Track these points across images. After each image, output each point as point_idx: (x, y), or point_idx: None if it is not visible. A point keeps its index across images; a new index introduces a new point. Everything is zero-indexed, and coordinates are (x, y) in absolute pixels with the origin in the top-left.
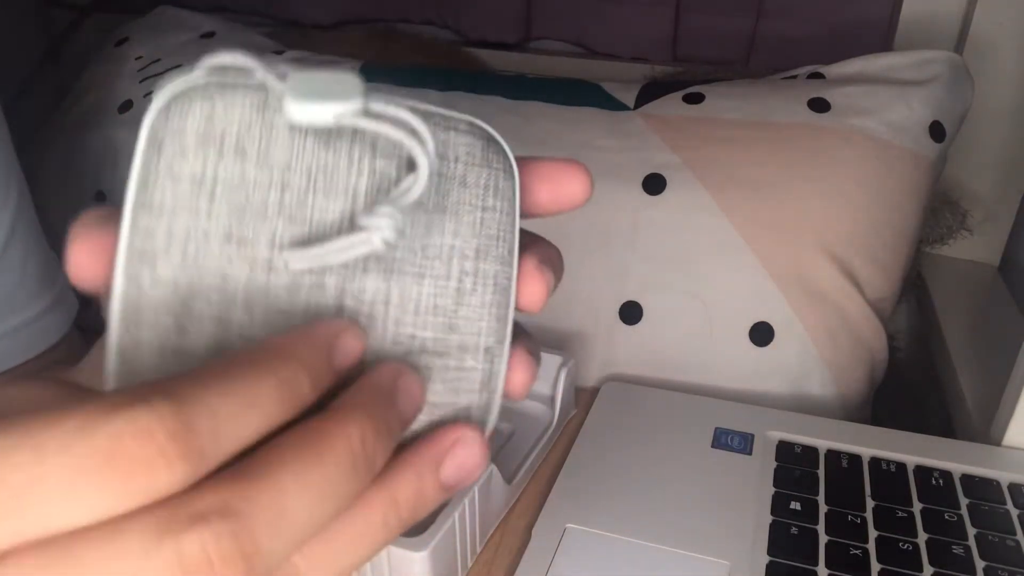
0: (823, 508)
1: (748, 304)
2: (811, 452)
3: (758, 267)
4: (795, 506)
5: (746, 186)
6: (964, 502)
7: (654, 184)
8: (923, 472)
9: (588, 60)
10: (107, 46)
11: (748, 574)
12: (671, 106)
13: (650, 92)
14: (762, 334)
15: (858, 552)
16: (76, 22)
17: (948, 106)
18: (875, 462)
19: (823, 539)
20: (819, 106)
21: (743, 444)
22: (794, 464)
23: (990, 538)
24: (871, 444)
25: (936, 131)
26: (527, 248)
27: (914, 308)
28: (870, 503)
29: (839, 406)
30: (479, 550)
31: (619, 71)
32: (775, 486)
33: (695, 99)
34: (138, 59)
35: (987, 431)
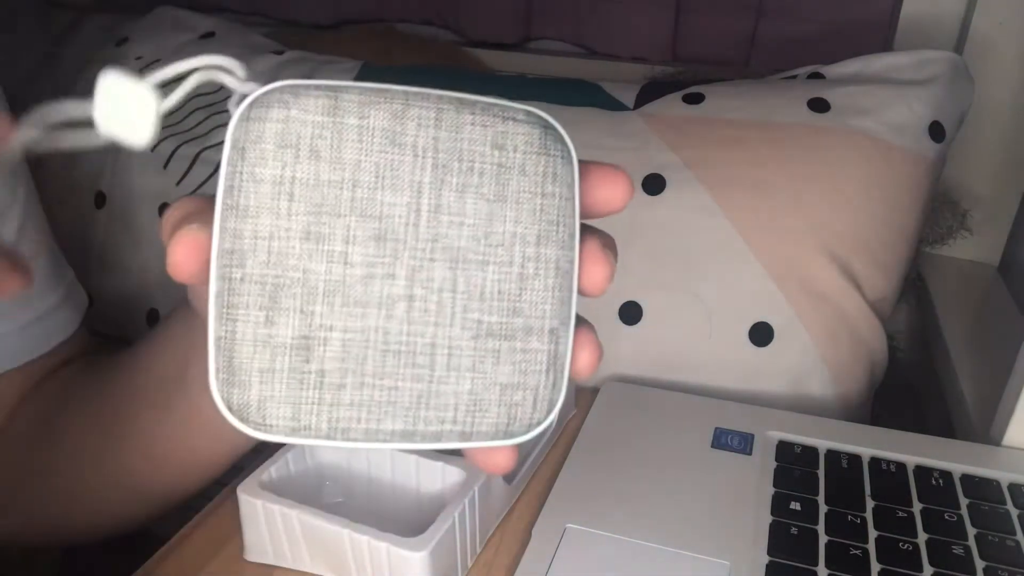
0: (823, 508)
1: (748, 304)
2: (811, 452)
3: (758, 267)
4: (795, 506)
5: (746, 186)
6: (964, 502)
7: (654, 184)
8: (923, 472)
9: (588, 60)
10: (107, 46)
11: (748, 574)
12: (671, 106)
13: (650, 92)
14: (762, 334)
15: (858, 552)
16: (76, 22)
17: (948, 106)
18: (875, 462)
19: (823, 539)
20: (819, 106)
21: (743, 444)
22: (794, 464)
23: (990, 538)
24: (871, 444)
25: (936, 131)
26: (587, 233)
27: (914, 308)
28: (870, 503)
29: (839, 406)
30: (479, 550)
31: (619, 71)
32: (775, 486)
33: (695, 99)
34: (138, 59)
35: (987, 431)
